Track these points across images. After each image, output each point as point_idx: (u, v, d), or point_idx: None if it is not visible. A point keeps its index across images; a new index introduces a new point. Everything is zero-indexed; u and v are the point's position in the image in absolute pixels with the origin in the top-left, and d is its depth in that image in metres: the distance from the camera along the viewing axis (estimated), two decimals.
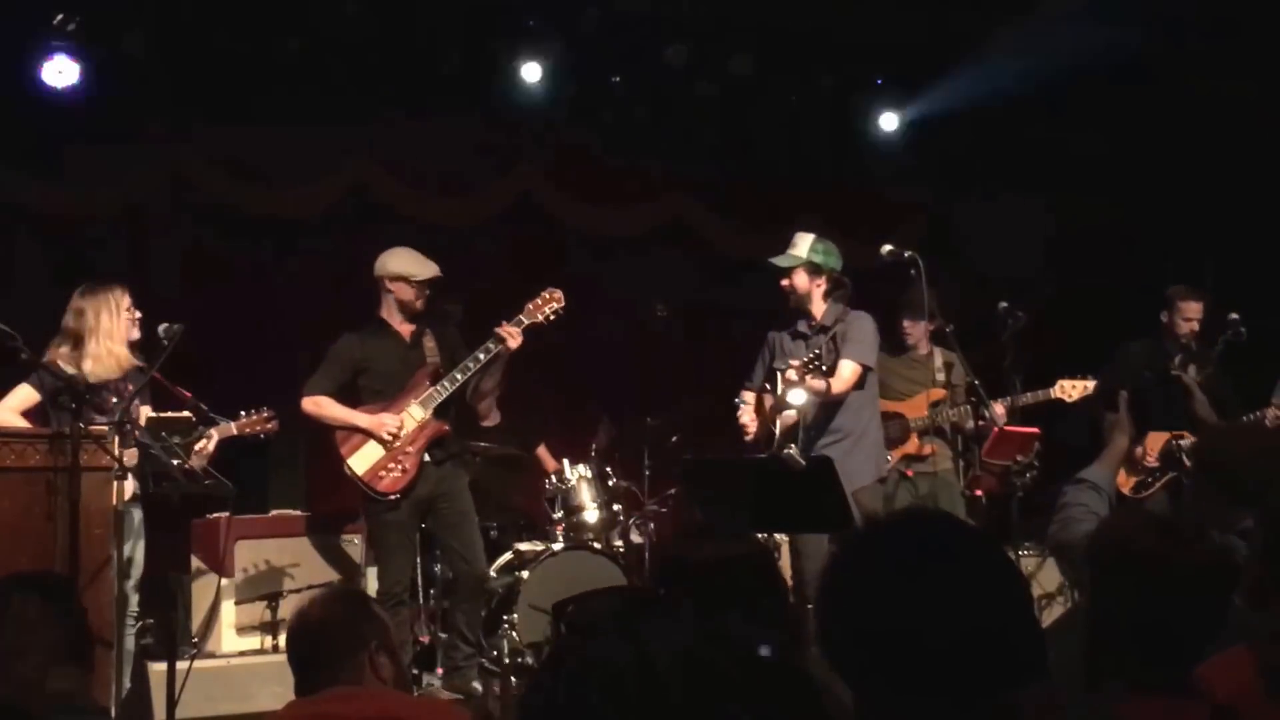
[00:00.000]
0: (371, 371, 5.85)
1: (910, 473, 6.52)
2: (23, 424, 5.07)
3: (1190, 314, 6.70)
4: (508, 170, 7.94)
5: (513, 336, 5.73)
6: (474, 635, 5.90)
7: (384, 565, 5.84)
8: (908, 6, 7.37)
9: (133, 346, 5.43)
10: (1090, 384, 6.39)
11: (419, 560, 6.82)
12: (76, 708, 2.68)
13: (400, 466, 5.73)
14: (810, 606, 5.65)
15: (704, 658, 1.09)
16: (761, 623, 2.48)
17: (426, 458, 5.78)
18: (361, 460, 5.76)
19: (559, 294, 5.92)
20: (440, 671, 6.02)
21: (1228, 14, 7.14)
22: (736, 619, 2.37)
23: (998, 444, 6.13)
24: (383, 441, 5.72)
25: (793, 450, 4.88)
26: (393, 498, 5.73)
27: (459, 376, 5.78)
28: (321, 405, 5.80)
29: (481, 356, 5.77)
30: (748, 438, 5.75)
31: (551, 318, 5.88)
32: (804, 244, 5.73)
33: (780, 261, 5.74)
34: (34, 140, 6.81)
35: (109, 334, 5.34)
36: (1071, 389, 6.36)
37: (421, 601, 6.55)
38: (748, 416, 5.77)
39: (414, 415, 5.78)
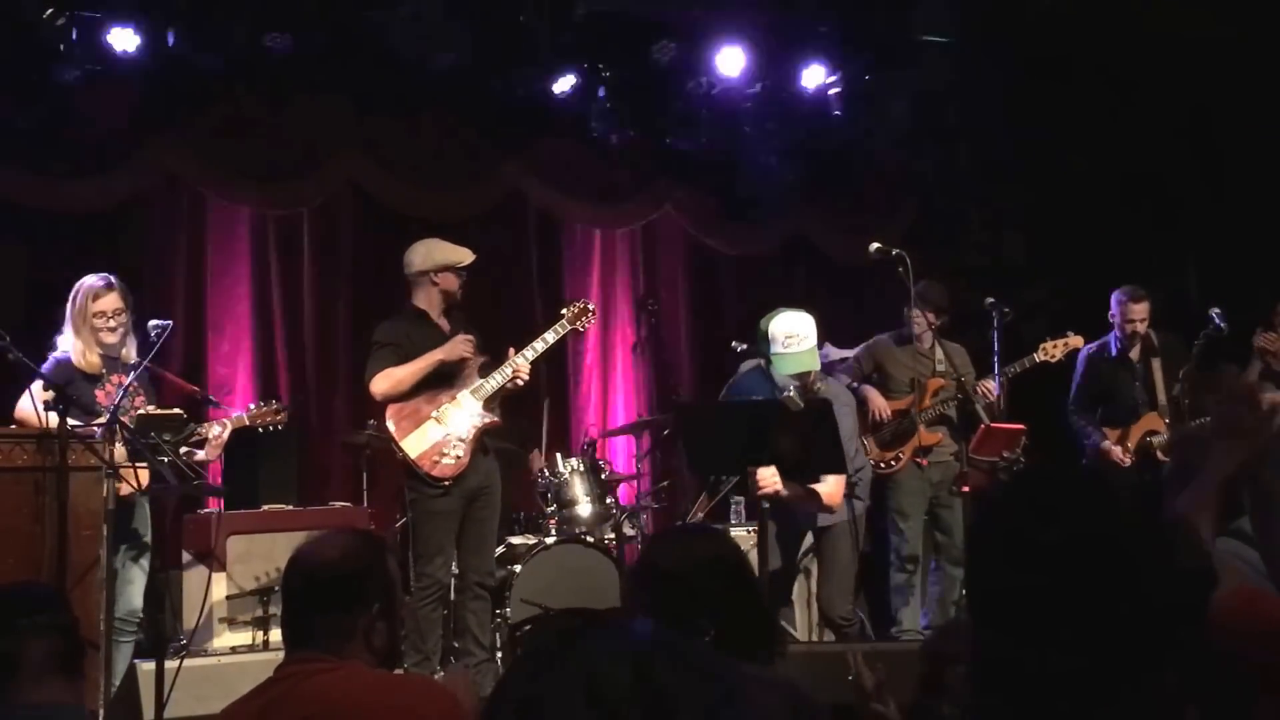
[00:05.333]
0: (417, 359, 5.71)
1: (925, 462, 6.58)
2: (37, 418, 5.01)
3: (1133, 315, 6.76)
4: (496, 165, 7.93)
5: (559, 334, 5.91)
6: (487, 639, 5.83)
7: (425, 559, 5.63)
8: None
9: (117, 348, 5.41)
10: (1073, 339, 6.39)
11: (410, 553, 6.85)
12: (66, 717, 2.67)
13: (454, 454, 5.63)
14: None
15: (652, 681, 1.10)
16: (733, 624, 2.49)
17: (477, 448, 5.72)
18: (415, 444, 5.62)
19: (591, 306, 6.08)
20: None
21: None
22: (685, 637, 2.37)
23: (985, 440, 6.17)
24: (454, 414, 5.63)
25: (791, 393, 4.91)
26: (446, 484, 5.63)
27: (509, 371, 5.77)
28: (391, 374, 5.61)
29: (538, 347, 5.83)
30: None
31: (584, 328, 6.06)
32: (810, 329, 5.19)
33: (812, 362, 5.19)
34: (30, 133, 6.80)
35: (77, 330, 5.32)
36: (1053, 349, 6.38)
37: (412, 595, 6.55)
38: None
39: (467, 406, 5.72)
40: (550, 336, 5.94)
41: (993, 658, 1.49)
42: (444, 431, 5.66)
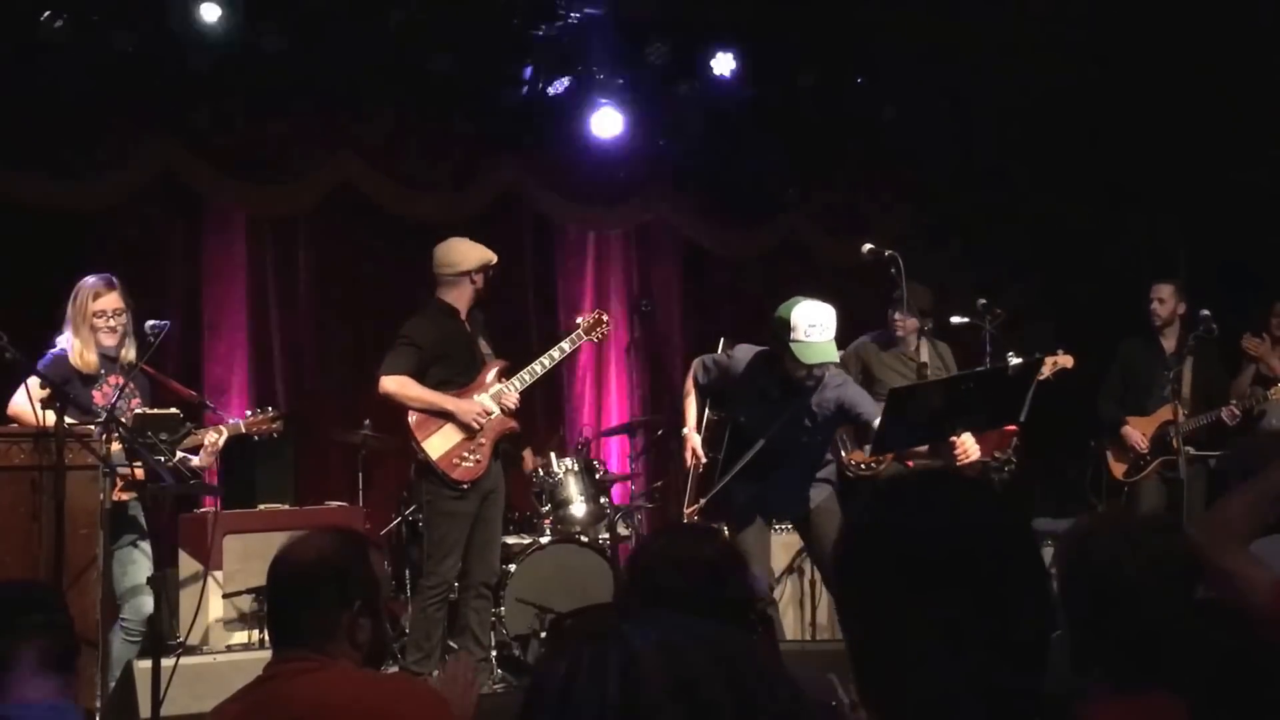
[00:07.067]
0: (446, 359, 5.70)
1: (911, 464, 6.60)
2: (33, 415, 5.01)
3: (1154, 295, 6.91)
4: (491, 167, 7.96)
5: (574, 344, 5.93)
6: (486, 637, 5.84)
7: (437, 559, 5.62)
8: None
9: (116, 348, 5.40)
10: (1062, 357, 6.41)
11: (406, 552, 6.87)
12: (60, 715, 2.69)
13: (474, 457, 5.64)
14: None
15: (685, 660, 1.12)
16: (725, 623, 2.50)
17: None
18: (437, 445, 5.61)
19: (606, 317, 6.09)
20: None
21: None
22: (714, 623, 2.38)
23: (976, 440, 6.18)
24: (466, 427, 5.62)
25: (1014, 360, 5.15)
26: (465, 487, 5.64)
27: (526, 378, 5.81)
28: (406, 385, 5.59)
29: (546, 363, 5.84)
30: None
31: (599, 339, 6.08)
32: (831, 320, 5.08)
33: (833, 353, 5.10)
34: (27, 134, 6.82)
35: (76, 330, 5.29)
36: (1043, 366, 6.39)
37: (408, 594, 6.58)
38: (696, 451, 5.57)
39: (488, 407, 5.74)
40: (566, 346, 5.96)
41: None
42: (464, 435, 5.68)
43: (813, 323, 5.00)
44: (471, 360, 5.79)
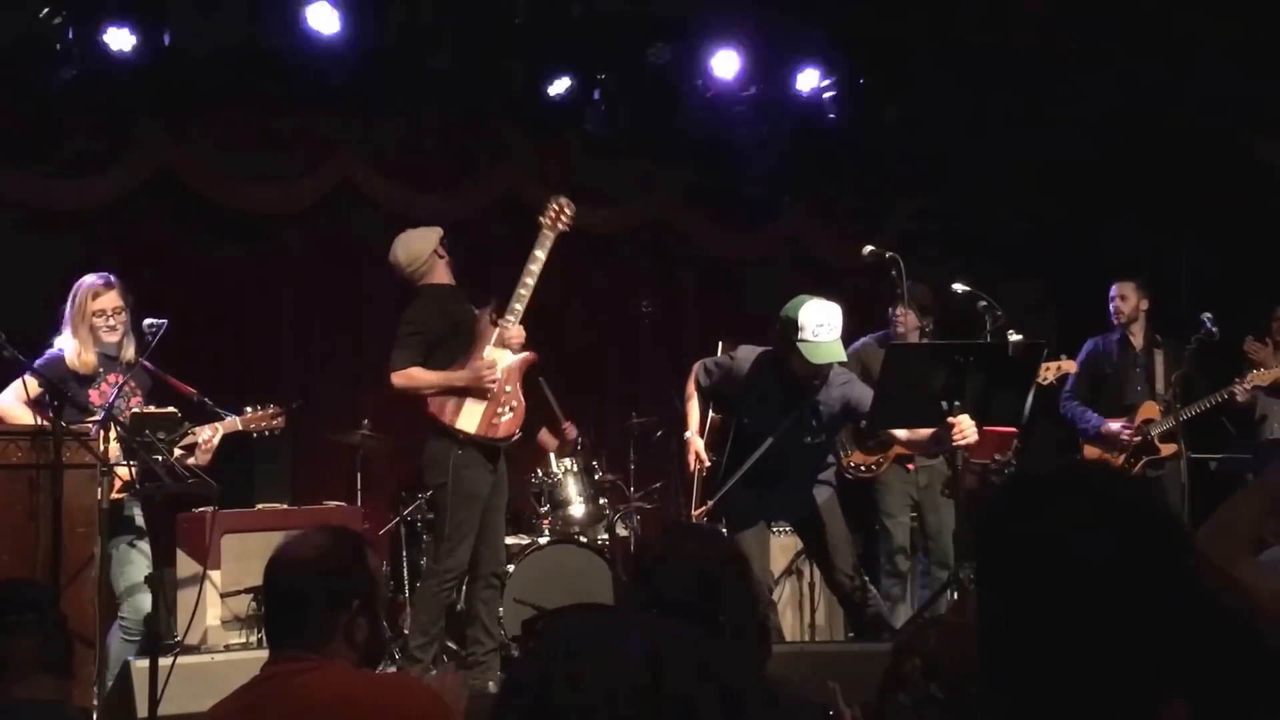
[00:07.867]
0: (452, 338, 5.64)
1: (912, 467, 6.60)
2: (25, 414, 5.02)
3: (1115, 293, 6.87)
4: (492, 166, 7.96)
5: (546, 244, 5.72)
6: (495, 629, 5.80)
7: (455, 541, 5.50)
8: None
9: (117, 347, 5.39)
10: (1064, 363, 6.40)
11: (404, 552, 6.87)
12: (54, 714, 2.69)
13: (508, 406, 5.58)
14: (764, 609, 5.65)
15: (670, 662, 1.11)
16: (726, 625, 2.50)
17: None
18: (469, 419, 5.53)
19: (564, 199, 5.84)
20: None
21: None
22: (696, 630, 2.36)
23: (976, 443, 6.18)
24: (484, 392, 5.54)
25: (1015, 337, 5.03)
26: (517, 435, 5.61)
27: (518, 307, 5.62)
28: (413, 376, 5.53)
29: (529, 282, 5.67)
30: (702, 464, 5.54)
31: (568, 227, 5.85)
32: (838, 319, 5.05)
33: (841, 353, 5.06)
34: (27, 132, 6.82)
35: (75, 329, 5.29)
36: (1045, 371, 6.38)
37: (407, 594, 6.58)
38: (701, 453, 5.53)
39: (496, 358, 5.62)
40: (540, 254, 5.74)
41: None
42: (487, 399, 5.57)
43: (821, 322, 4.97)
44: (473, 335, 5.73)
